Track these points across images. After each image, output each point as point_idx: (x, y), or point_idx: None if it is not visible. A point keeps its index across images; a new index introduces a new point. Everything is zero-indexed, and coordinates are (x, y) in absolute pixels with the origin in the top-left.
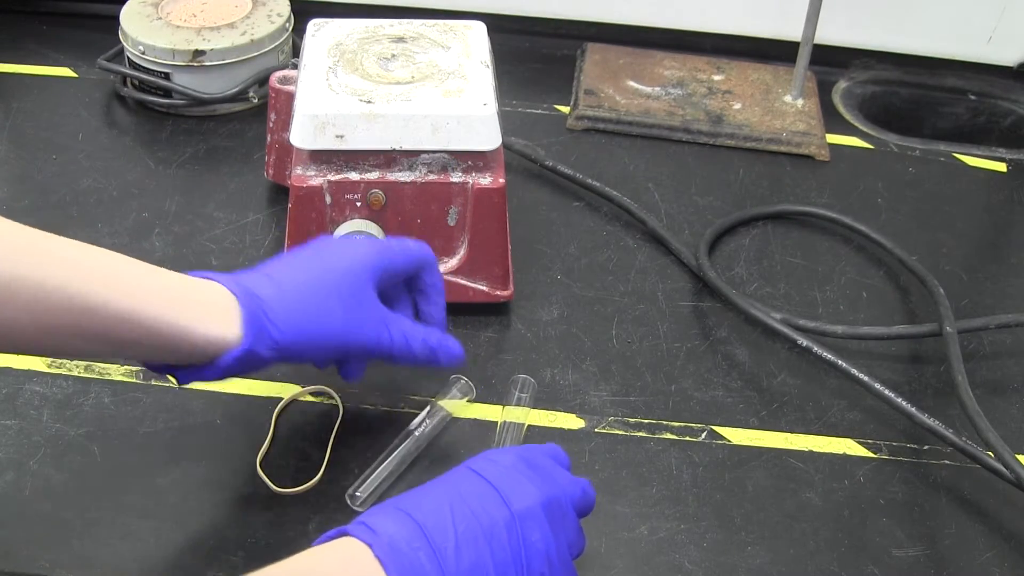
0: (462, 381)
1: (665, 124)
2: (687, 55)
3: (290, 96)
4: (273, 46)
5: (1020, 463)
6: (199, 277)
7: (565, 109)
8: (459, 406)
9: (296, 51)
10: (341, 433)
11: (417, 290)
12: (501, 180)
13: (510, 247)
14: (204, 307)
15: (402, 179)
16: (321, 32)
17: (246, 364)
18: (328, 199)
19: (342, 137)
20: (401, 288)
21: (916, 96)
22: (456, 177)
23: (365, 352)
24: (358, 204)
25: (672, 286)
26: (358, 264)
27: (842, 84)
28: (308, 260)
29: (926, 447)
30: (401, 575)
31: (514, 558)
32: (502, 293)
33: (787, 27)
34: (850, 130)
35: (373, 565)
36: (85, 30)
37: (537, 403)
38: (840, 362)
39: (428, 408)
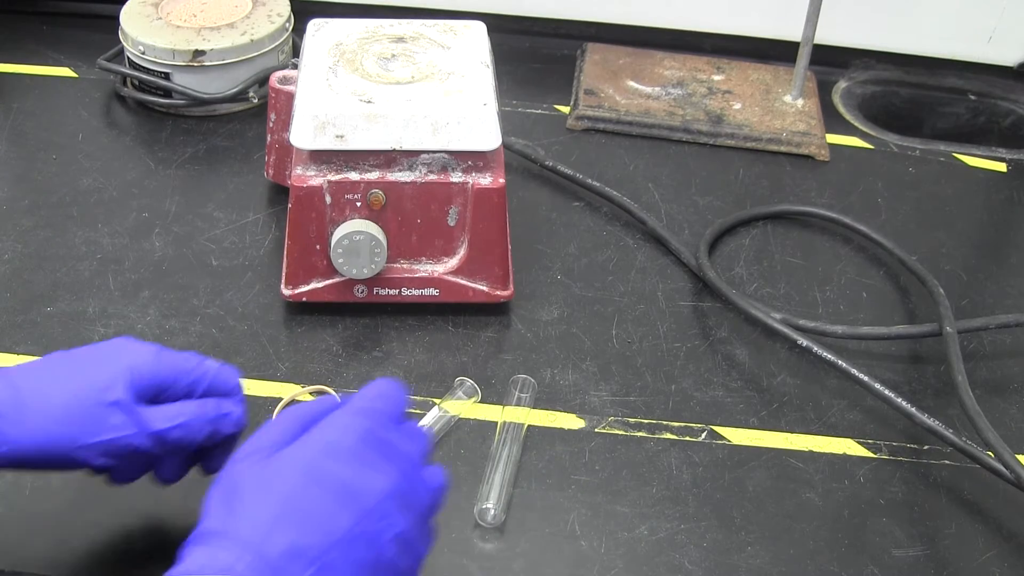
0: (467, 383)
1: (665, 124)
2: (687, 55)
3: (290, 96)
4: (273, 46)
5: (1020, 463)
6: None
7: (565, 109)
8: (464, 407)
9: (296, 51)
10: None
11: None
12: (501, 180)
13: (510, 247)
14: None
15: (402, 179)
16: (321, 32)
17: None
18: (328, 199)
19: (342, 137)
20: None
21: (916, 96)
22: (456, 177)
23: (122, 451)
24: (358, 204)
25: (672, 286)
26: (111, 374)
27: (842, 84)
28: (57, 364)
29: (926, 447)
30: None
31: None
32: (502, 293)
33: (787, 27)
34: (850, 130)
35: None
36: (85, 30)
37: (537, 403)
38: (840, 362)
39: (433, 410)
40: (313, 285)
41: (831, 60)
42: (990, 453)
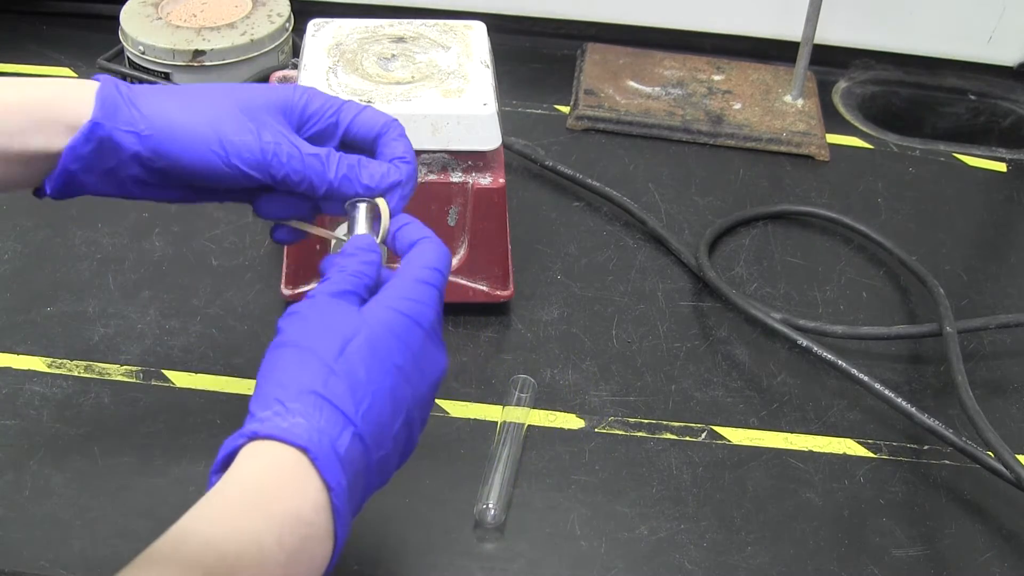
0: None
1: (665, 124)
2: (687, 55)
3: None
4: (273, 46)
5: (1020, 463)
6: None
7: (565, 109)
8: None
9: (296, 51)
10: None
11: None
12: (501, 180)
13: (510, 247)
14: (59, 97)
15: None
16: (321, 32)
17: (100, 153)
18: None
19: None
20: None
21: (916, 96)
22: (456, 177)
23: (256, 164)
24: None
25: (672, 286)
26: (260, 94)
27: (842, 84)
28: (200, 86)
29: (926, 447)
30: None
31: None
32: (502, 293)
33: (787, 27)
34: (850, 130)
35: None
36: (85, 30)
37: (537, 403)
38: (840, 362)
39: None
40: (313, 285)
41: (831, 60)
42: (990, 453)
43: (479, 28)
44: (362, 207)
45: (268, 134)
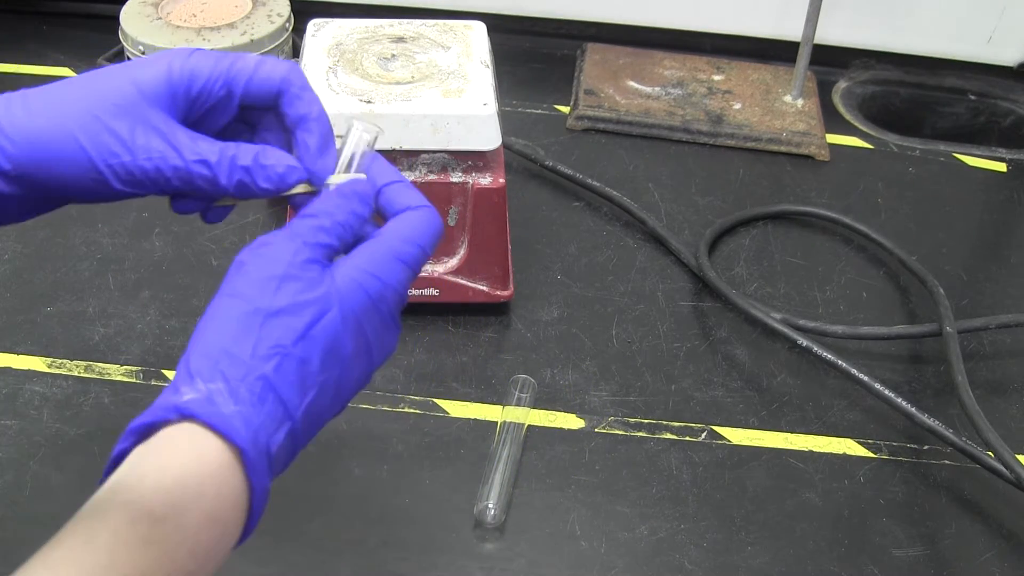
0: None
1: (665, 124)
2: (687, 55)
3: None
4: (273, 46)
5: (1020, 463)
6: None
7: (565, 109)
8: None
9: (296, 51)
10: (341, 432)
11: (284, 125)
12: (501, 180)
13: (510, 247)
14: None
15: None
16: (321, 32)
17: None
18: None
19: (342, 137)
20: (264, 124)
21: (916, 96)
22: (456, 177)
23: (134, 183)
24: None
25: (672, 286)
26: (135, 83)
27: (842, 84)
28: (69, 83)
29: (926, 447)
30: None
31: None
32: (502, 293)
33: (787, 27)
34: (850, 130)
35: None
36: (85, 30)
37: (537, 403)
38: (840, 362)
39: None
40: None
41: (831, 60)
42: (990, 453)
43: (479, 28)
44: (356, 136)
45: (142, 137)
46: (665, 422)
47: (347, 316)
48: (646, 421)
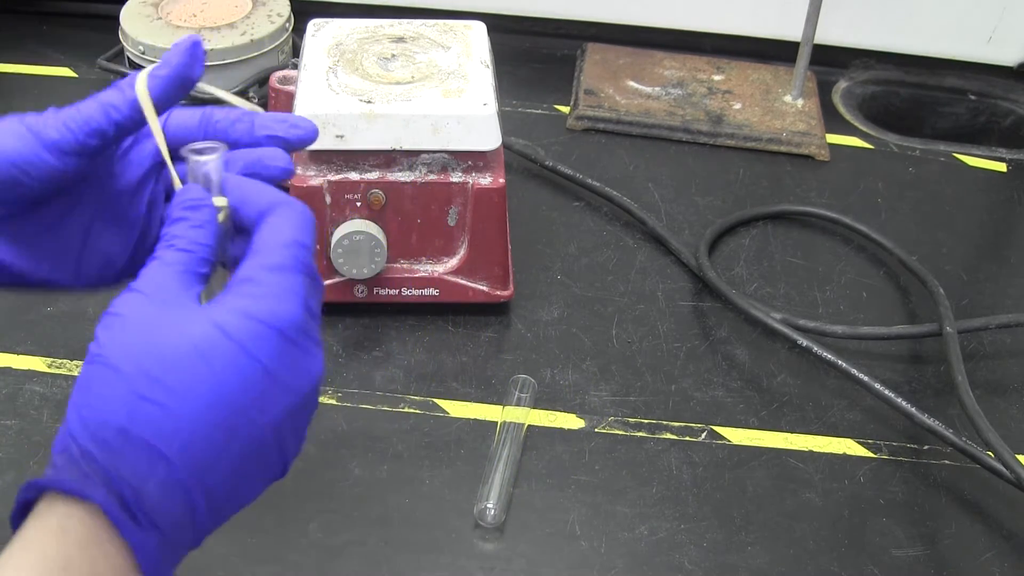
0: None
1: (665, 124)
2: (687, 55)
3: (290, 96)
4: (273, 46)
5: (1020, 463)
6: None
7: (565, 109)
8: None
9: (296, 51)
10: (341, 432)
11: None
12: (501, 180)
13: (510, 247)
14: None
15: (402, 179)
16: (321, 32)
17: None
18: (328, 199)
19: (342, 137)
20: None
21: (916, 96)
22: (456, 177)
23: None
24: (358, 204)
25: (672, 286)
26: None
27: (842, 84)
28: None
29: (926, 447)
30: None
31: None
32: (502, 293)
33: (787, 27)
34: (850, 130)
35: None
36: (85, 30)
37: (537, 403)
38: (840, 362)
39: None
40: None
41: (831, 60)
42: (990, 453)
43: (479, 28)
44: (199, 168)
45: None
46: (665, 422)
47: (218, 344)
48: (646, 421)
